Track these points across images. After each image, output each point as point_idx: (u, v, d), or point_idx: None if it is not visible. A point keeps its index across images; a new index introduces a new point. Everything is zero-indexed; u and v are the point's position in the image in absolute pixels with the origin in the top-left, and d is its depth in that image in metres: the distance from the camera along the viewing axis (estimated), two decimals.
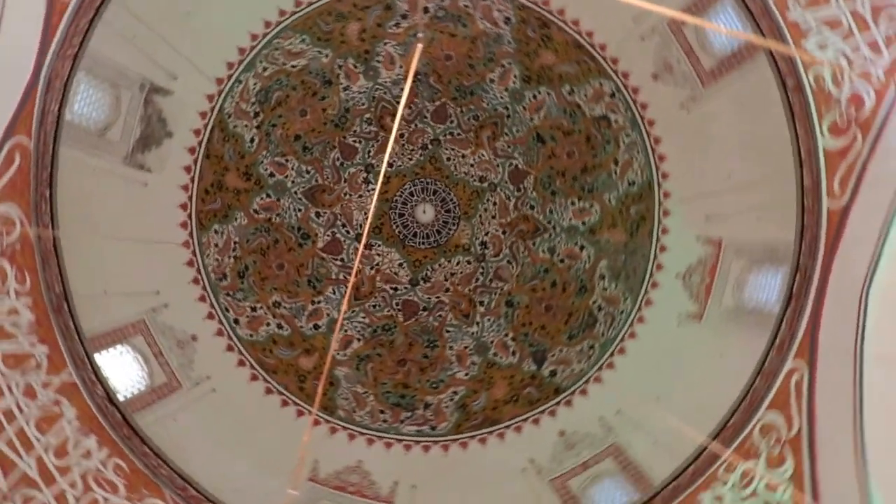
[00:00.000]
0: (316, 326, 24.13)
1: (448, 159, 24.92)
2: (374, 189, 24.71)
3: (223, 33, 19.31)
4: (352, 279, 17.64)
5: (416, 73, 22.14)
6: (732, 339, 18.15)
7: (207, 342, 21.22)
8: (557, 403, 21.65)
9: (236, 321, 22.25)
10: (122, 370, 19.32)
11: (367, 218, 24.73)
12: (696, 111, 18.87)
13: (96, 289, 18.40)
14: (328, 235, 24.83)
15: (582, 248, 23.21)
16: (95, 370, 17.66)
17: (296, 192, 23.99)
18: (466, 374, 24.09)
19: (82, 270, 17.50)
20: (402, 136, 24.22)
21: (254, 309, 22.90)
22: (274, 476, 18.92)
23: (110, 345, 18.98)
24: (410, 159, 24.99)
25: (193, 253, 21.13)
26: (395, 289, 25.29)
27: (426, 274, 25.38)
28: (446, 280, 25.34)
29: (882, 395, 13.49)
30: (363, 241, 21.22)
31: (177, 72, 19.00)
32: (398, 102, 23.45)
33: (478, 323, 24.82)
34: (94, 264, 18.17)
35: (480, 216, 25.12)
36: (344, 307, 20.99)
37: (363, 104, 23.41)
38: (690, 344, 19.30)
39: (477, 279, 25.23)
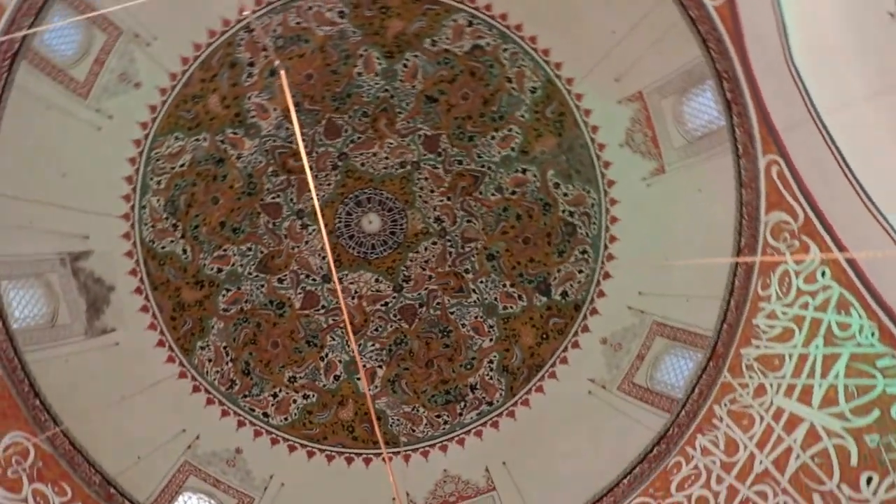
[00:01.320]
0: (336, 377, 24.13)
1: (362, 164, 24.82)
2: (315, 230, 24.62)
3: (105, 173, 19.12)
4: (345, 315, 17.51)
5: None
6: (700, 170, 18.18)
7: (252, 447, 21.28)
8: (584, 318, 21.69)
9: (266, 415, 22.24)
10: None
11: (324, 258, 24.68)
12: None
13: (130, 459, 18.39)
14: (300, 293, 24.74)
15: (524, 171, 23.19)
16: None
17: (250, 273, 23.88)
18: (491, 340, 24.15)
19: (108, 450, 17.51)
20: (310, 168, 24.09)
21: (275, 395, 22.86)
22: None
23: (171, 500, 19.04)
24: (329, 184, 24.87)
25: (193, 378, 21.10)
26: (386, 303, 25.24)
27: (404, 275, 25.34)
28: (424, 270, 25.31)
29: (851, 136, 13.53)
30: (335, 278, 21.08)
31: (85, 230, 18.83)
32: (290, 143, 23.36)
33: (473, 290, 24.82)
34: (115, 438, 18.16)
35: (420, 197, 25.06)
36: (353, 346, 20.91)
37: (261, 161, 23.26)
38: (666, 196, 19.33)
39: (450, 253, 25.21)
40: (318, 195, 24.68)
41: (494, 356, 23.84)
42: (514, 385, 22.80)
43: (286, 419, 22.54)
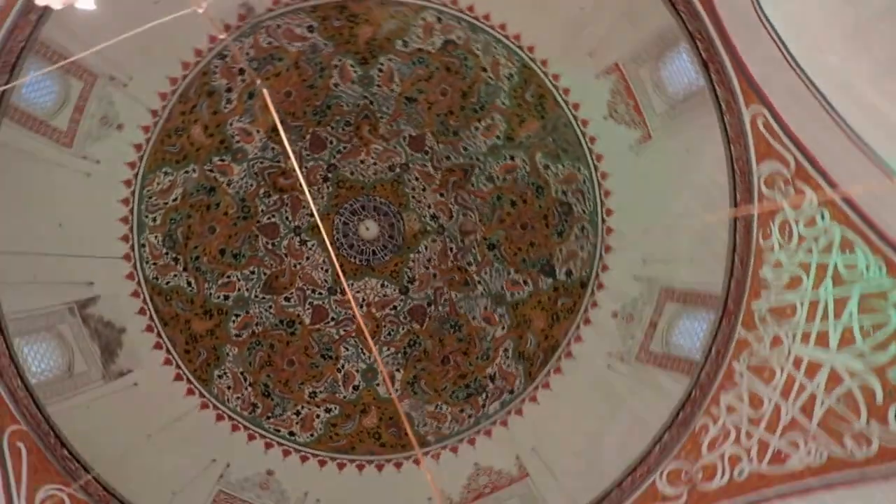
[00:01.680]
0: (355, 388, 24.18)
1: (352, 173, 24.89)
2: (314, 245, 24.70)
3: (100, 217, 19.25)
4: (359, 321, 17.53)
5: (274, 126, 22.06)
6: (685, 131, 18.19)
7: (283, 467, 21.37)
8: (592, 294, 21.66)
9: (292, 433, 22.30)
10: None
11: (327, 271, 24.76)
12: None
13: (164, 496, 18.56)
14: (308, 308, 24.80)
15: (512, 157, 23.23)
16: None
17: (256, 296, 23.96)
18: (503, 328, 24.15)
19: (142, 490, 17.63)
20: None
21: (298, 413, 22.93)
22: None
23: None
24: (322, 197, 24.93)
25: (215, 408, 21.18)
26: (394, 307, 25.29)
27: (408, 276, 25.39)
28: (427, 268, 25.35)
29: (830, 77, 13.54)
30: (346, 285, 21.14)
31: (89, 277, 18.97)
32: (278, 162, 23.43)
33: (479, 282, 24.86)
34: (147, 477, 18.29)
35: (414, 197, 25.14)
36: (374, 350, 20.94)
37: (252, 185, 23.35)
38: (656, 162, 19.33)
39: (450, 249, 25.25)
40: (315, 208, 24.74)
41: (509, 344, 23.85)
42: (532, 370, 22.79)
43: (312, 435, 22.62)
